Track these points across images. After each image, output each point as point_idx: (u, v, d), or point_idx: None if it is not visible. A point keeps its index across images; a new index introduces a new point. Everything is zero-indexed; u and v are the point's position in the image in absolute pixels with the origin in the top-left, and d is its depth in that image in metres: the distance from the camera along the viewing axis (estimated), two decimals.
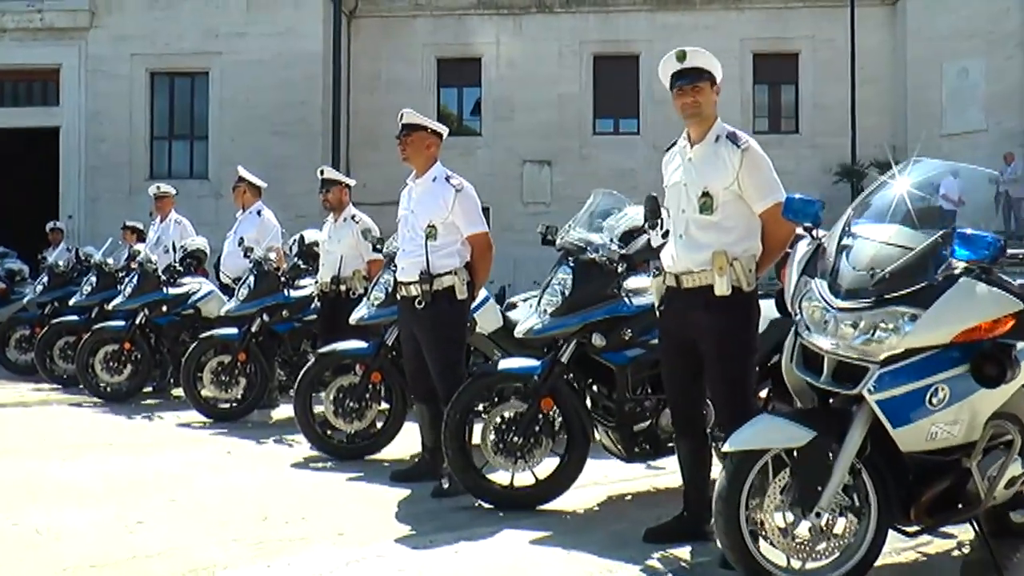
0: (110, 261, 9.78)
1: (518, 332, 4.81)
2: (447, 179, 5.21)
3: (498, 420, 4.67)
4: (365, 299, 6.09)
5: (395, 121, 5.42)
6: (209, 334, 7.56)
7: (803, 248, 3.84)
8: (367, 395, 5.95)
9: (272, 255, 7.47)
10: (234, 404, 7.58)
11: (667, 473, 5.31)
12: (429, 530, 4.34)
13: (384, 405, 6.07)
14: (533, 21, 19.98)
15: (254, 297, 7.38)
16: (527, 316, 4.81)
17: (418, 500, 4.92)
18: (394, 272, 5.79)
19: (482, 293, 5.78)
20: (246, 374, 7.48)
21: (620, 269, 4.64)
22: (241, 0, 19.62)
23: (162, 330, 8.67)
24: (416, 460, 5.69)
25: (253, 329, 7.42)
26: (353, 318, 6.04)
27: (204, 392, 7.55)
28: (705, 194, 3.93)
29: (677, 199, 4.06)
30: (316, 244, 7.62)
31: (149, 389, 9.03)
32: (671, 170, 4.17)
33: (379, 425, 6.14)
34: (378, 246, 6.38)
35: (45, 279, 10.86)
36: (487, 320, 6.08)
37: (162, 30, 19.97)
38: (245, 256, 7.60)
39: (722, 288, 3.92)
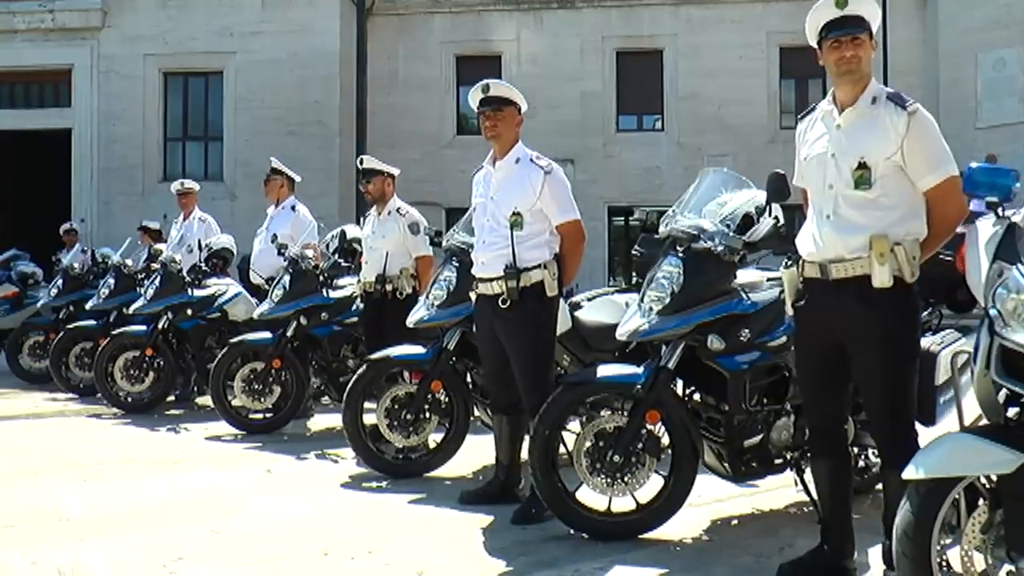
0: (128, 262, 9.06)
1: (621, 334, 4.02)
2: (532, 160, 4.51)
3: (594, 436, 3.98)
4: (423, 299, 5.37)
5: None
6: (240, 339, 6.84)
7: (987, 228, 3.07)
8: (426, 406, 5.23)
9: (309, 252, 6.75)
10: (268, 415, 6.87)
11: (762, 492, 4.69)
12: (523, 568, 3.63)
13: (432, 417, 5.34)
14: (554, 16, 19.25)
15: (290, 298, 6.66)
16: (629, 316, 4.04)
17: (501, 529, 4.20)
18: (457, 268, 5.11)
19: None
20: (280, 382, 6.76)
21: (738, 260, 3.93)
22: None
23: (187, 335, 7.95)
24: (484, 479, 4.98)
25: (289, 333, 6.71)
26: (411, 320, 5.33)
27: (235, 402, 6.85)
28: (861, 166, 3.27)
29: (823, 173, 3.37)
30: (358, 240, 6.93)
31: (171, 398, 8.32)
32: (812, 139, 3.47)
33: (436, 440, 5.43)
34: (436, 239, 5.66)
35: (60, 282, 10.13)
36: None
37: (175, 30, 19.28)
38: (279, 254, 6.88)
39: (883, 278, 3.22)
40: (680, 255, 3.94)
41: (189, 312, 7.84)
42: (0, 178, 20.75)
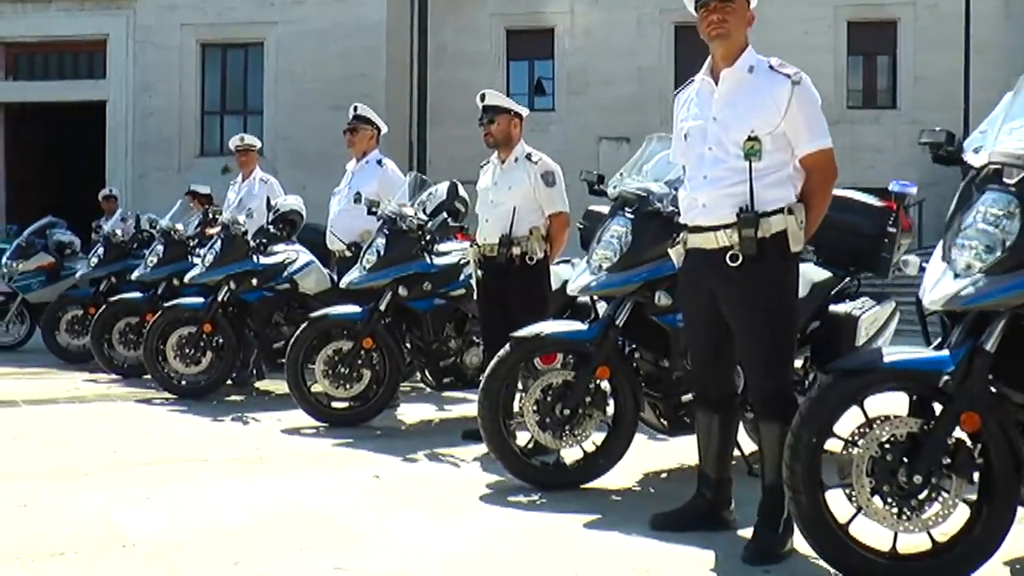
0: (179, 227, 7.79)
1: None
2: (773, 67, 3.29)
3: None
4: (586, 262, 4.08)
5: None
6: (323, 313, 5.55)
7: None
8: (587, 398, 3.93)
9: (408, 211, 5.44)
10: (354, 404, 5.59)
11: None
12: None
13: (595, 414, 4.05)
14: None
15: (386, 265, 5.36)
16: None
17: (731, 569, 2.94)
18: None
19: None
20: (371, 365, 5.48)
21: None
22: None
23: (251, 309, 6.66)
24: (667, 493, 3.69)
25: (382, 307, 5.41)
26: (573, 287, 4.05)
27: (314, 388, 5.57)
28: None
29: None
30: (463, 200, 5.65)
31: (227, 382, 7.05)
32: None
33: (596, 442, 4.12)
34: (599, 186, 4.38)
35: (101, 251, 8.87)
36: None
37: None
38: (370, 213, 5.59)
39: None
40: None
41: (254, 282, 6.55)
42: (33, 152, 19.53)
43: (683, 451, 4.33)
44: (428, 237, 5.39)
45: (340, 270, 6.41)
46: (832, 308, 4.21)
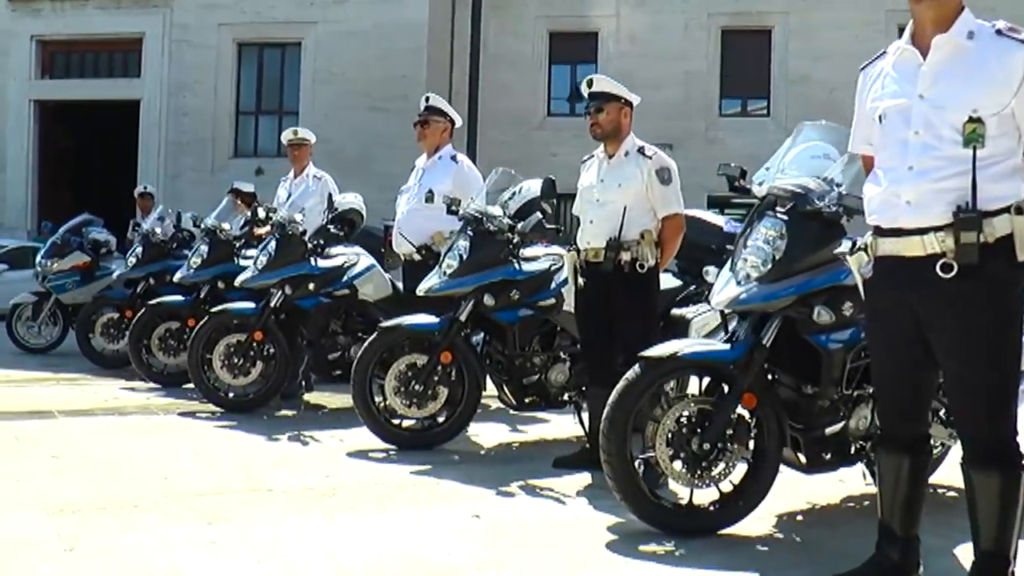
0: (226, 226, 7.18)
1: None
2: (1005, 32, 2.59)
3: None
4: (729, 270, 3.42)
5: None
6: (395, 323, 4.90)
7: None
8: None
9: (495, 210, 4.79)
10: (427, 424, 4.94)
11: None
12: None
13: None
14: None
15: (470, 271, 4.71)
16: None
17: None
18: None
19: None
20: (449, 383, 4.83)
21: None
22: None
23: (306, 316, 6.02)
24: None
25: (463, 317, 4.77)
26: (718, 300, 3.39)
27: (384, 404, 4.93)
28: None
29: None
30: (551, 197, 4.99)
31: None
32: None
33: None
34: (740, 182, 3.72)
35: (139, 250, 8.27)
36: None
37: None
38: (451, 212, 4.95)
39: None
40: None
41: (311, 287, 5.91)
42: (66, 150, 19.07)
43: (810, 489, 3.87)
44: (517, 240, 4.74)
45: (407, 275, 5.79)
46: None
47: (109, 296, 8.56)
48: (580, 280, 4.44)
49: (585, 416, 4.71)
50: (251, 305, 6.04)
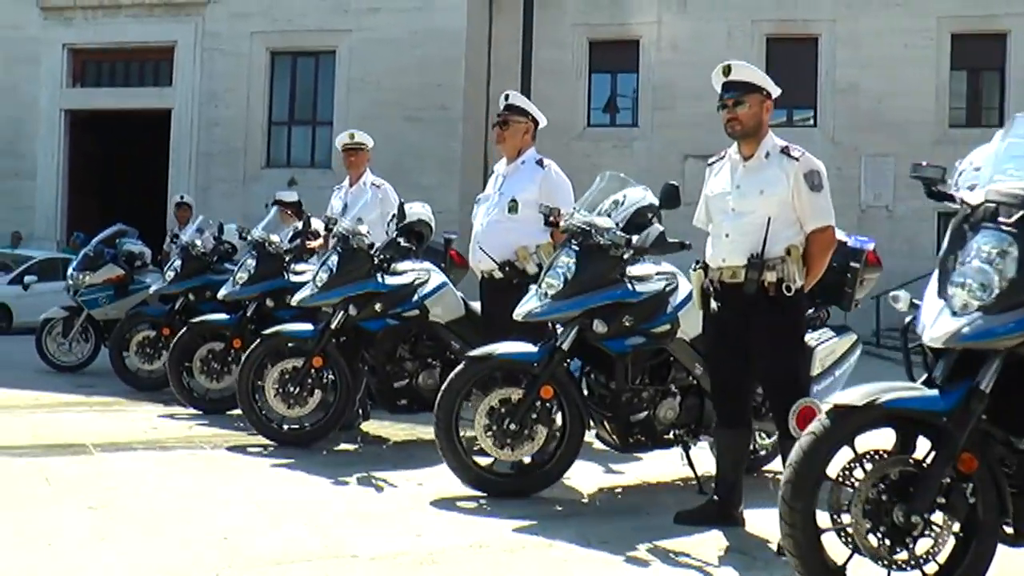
0: (275, 239, 6.48)
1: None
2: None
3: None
4: (941, 300, 2.65)
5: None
6: (486, 352, 4.15)
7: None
8: None
9: (604, 222, 4.04)
10: (528, 467, 4.19)
11: None
12: None
13: None
14: None
15: (577, 292, 3.97)
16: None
17: None
18: None
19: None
20: (549, 419, 4.08)
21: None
22: None
23: (371, 339, 5.28)
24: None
25: (565, 345, 4.03)
26: (933, 335, 2.62)
27: (468, 442, 4.19)
28: None
29: None
30: (650, 207, 4.25)
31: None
32: None
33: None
34: (939, 186, 2.94)
35: (177, 263, 7.58)
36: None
37: (285, 5, 16.85)
38: (549, 223, 4.22)
39: None
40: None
41: (378, 307, 5.17)
42: (95, 159, 18.50)
43: None
44: (626, 256, 4.00)
45: (485, 296, 5.05)
46: None
47: (145, 313, 7.86)
48: (712, 304, 3.70)
49: (696, 456, 4.21)
50: (308, 327, 5.32)
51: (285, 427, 5.35)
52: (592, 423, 4.29)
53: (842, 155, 15.81)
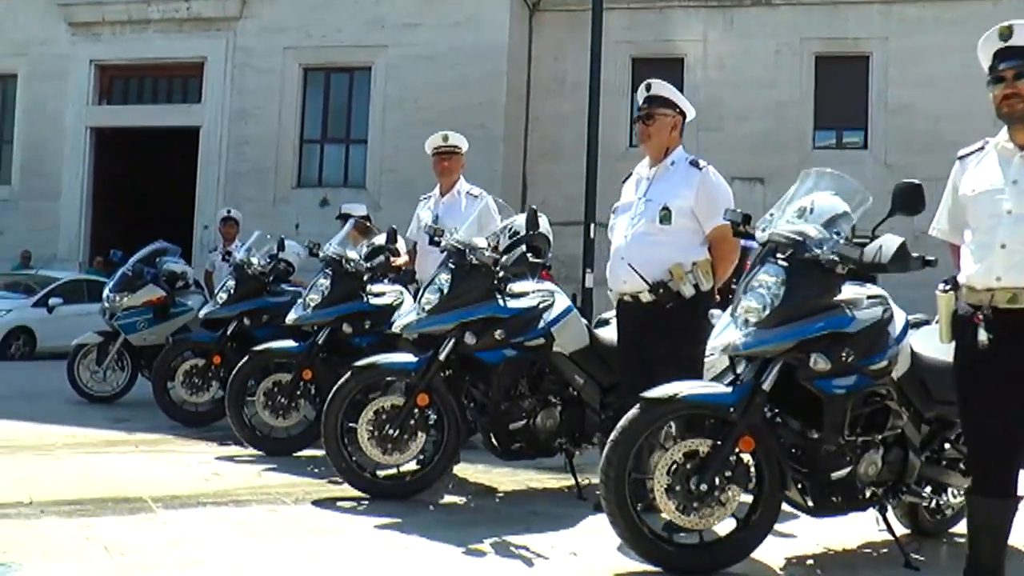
0: (352, 255, 5.52)
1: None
2: None
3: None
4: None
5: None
6: (669, 393, 3.19)
7: None
8: None
9: (816, 231, 3.10)
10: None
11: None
12: None
13: None
14: (747, 15, 15.68)
15: (783, 320, 3.03)
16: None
17: None
18: None
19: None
20: (747, 478, 3.11)
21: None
22: None
23: (489, 373, 4.30)
24: None
25: (767, 386, 3.07)
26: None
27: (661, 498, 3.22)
28: None
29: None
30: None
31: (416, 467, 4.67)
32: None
33: None
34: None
35: (231, 283, 6.63)
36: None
37: (320, 20, 16.04)
38: (739, 235, 3.31)
39: None
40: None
41: (498, 335, 4.20)
42: (120, 179, 17.61)
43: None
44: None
45: (628, 321, 4.10)
46: None
47: (192, 339, 6.90)
48: (983, 335, 2.76)
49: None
50: (409, 359, 4.36)
51: (379, 473, 4.38)
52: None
53: (894, 178, 14.42)
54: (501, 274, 4.26)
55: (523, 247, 4.26)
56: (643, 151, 4.34)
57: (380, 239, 5.72)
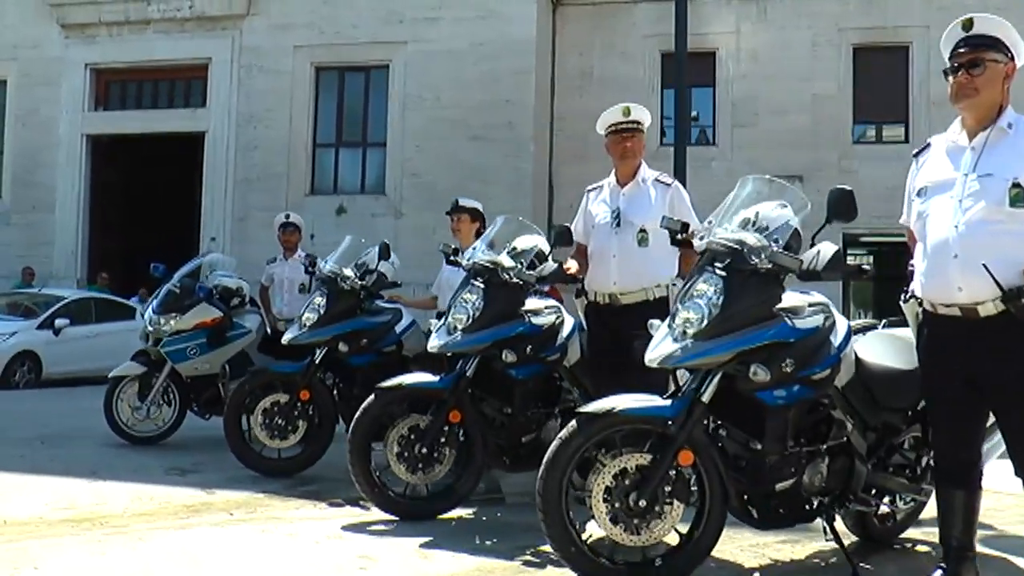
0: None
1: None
2: None
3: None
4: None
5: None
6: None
7: None
8: None
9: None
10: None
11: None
12: None
13: None
14: (781, 5, 14.55)
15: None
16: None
17: None
18: None
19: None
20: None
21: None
22: None
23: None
24: None
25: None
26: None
27: None
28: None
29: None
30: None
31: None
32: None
33: None
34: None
35: (320, 301, 5.24)
36: None
37: (333, 16, 14.64)
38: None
39: None
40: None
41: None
42: (118, 190, 16.05)
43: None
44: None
45: (940, 339, 2.83)
46: None
47: (274, 370, 5.48)
48: None
49: None
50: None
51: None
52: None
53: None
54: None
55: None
56: (957, 111, 3.11)
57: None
